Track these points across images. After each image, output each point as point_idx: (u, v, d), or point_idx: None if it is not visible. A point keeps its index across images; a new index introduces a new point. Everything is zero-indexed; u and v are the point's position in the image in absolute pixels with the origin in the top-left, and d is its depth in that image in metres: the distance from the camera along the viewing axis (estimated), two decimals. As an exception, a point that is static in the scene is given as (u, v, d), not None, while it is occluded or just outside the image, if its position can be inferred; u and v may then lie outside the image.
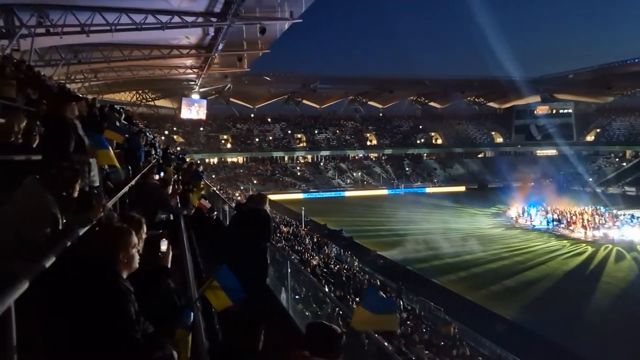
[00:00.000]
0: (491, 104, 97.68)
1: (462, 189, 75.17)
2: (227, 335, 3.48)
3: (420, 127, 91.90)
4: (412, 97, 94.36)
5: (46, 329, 2.44)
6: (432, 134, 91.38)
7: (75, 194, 3.30)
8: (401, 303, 23.07)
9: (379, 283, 26.17)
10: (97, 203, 3.36)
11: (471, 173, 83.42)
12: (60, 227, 2.99)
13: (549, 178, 72.71)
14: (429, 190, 75.47)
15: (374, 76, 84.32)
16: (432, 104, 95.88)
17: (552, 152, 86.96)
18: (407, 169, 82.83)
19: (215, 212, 12.50)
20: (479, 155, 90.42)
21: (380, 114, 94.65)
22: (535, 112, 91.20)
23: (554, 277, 28.98)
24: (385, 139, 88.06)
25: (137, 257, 2.85)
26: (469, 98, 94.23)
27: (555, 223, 44.80)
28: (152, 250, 3.81)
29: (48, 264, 2.49)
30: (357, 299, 19.29)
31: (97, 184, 6.21)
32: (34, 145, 5.29)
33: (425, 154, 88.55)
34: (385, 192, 74.08)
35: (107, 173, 8.49)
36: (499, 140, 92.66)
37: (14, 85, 9.42)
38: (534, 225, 45.65)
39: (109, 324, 2.54)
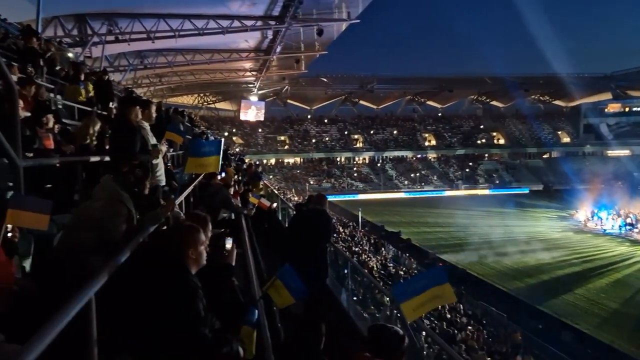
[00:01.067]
0: (557, 102, 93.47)
1: (525, 190, 72.45)
2: (290, 334, 3.50)
3: (481, 126, 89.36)
4: (472, 96, 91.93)
5: (120, 322, 2.54)
6: (494, 134, 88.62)
7: (146, 191, 3.43)
8: (461, 307, 22.48)
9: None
10: (168, 202, 3.47)
11: (535, 174, 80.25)
12: (135, 223, 3.11)
13: (621, 180, 68.72)
14: (489, 192, 73.28)
15: (432, 75, 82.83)
16: (493, 102, 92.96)
17: (624, 152, 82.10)
18: (467, 170, 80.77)
19: (275, 204, 12.69)
20: (544, 156, 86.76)
21: (439, 114, 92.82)
22: (605, 110, 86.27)
23: (628, 285, 27.23)
24: (444, 140, 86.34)
25: (204, 254, 2.92)
26: (533, 96, 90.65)
27: (628, 227, 42.18)
28: (217, 248, 3.90)
29: (123, 259, 2.59)
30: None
31: (163, 183, 6.47)
32: (107, 147, 5.58)
33: (486, 155, 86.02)
34: (444, 193, 72.60)
35: (173, 173, 8.82)
36: (566, 140, 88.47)
37: (81, 92, 9.94)
38: (604, 230, 43.25)
39: (178, 319, 2.61)
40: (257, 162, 44.81)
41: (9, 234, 2.59)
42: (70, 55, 21.38)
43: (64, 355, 1.79)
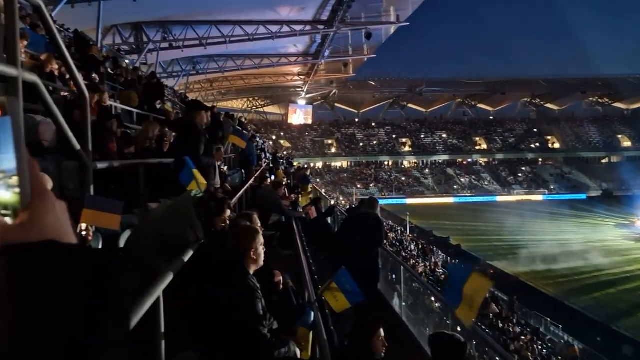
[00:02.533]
0: (617, 105, 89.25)
1: (582, 197, 69.44)
2: (347, 337, 3.51)
3: (535, 130, 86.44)
4: (525, 99, 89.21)
5: (184, 320, 2.62)
6: (548, 137, 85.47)
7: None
8: (514, 317, 21.79)
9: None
10: (226, 207, 3.56)
11: (593, 180, 76.89)
12: (198, 226, 3.20)
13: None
14: (544, 198, 70.71)
15: (483, 78, 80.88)
16: (548, 105, 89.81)
17: (691, 157, 77.53)
18: (519, 174, 78.32)
19: (333, 201, 12.70)
20: (603, 161, 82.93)
21: (491, 117, 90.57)
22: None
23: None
24: (495, 143, 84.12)
25: (263, 255, 2.97)
26: (590, 98, 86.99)
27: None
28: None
29: (186, 259, 2.67)
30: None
31: (218, 185, 6.64)
32: (165, 150, 5.77)
33: (540, 159, 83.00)
34: (495, 199, 70.55)
35: (226, 175, 9.02)
36: (627, 144, 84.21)
37: (135, 97, 10.34)
38: (667, 238, 40.99)
39: (238, 318, 2.67)
40: (305, 166, 45.10)
41: (83, 233, 2.72)
42: (126, 62, 22.37)
43: (134, 349, 1.86)
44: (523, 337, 19.28)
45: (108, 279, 0.45)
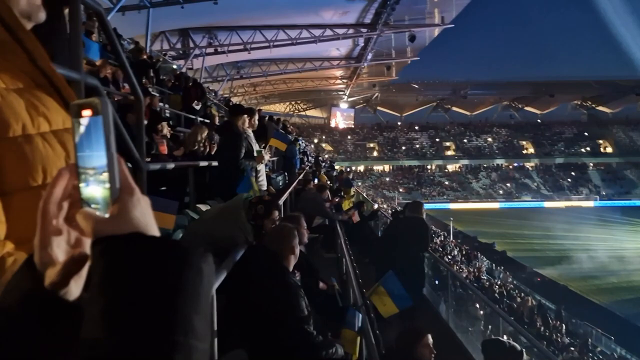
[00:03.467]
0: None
1: (636, 204, 66.31)
2: (394, 342, 3.47)
3: (586, 134, 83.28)
4: (576, 101, 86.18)
5: (233, 318, 2.66)
6: (600, 141, 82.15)
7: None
8: (563, 327, 21.02)
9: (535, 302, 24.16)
10: (273, 209, 3.60)
11: (649, 185, 73.37)
12: (248, 229, 3.26)
13: None
14: (594, 204, 67.97)
15: (531, 80, 78.74)
16: (600, 108, 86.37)
17: None
18: (569, 179, 75.63)
19: (376, 205, 12.68)
20: (659, 165, 79.07)
21: (538, 120, 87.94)
22: None
23: None
24: (543, 147, 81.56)
25: (298, 253, 3.05)
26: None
27: None
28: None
29: (237, 258, 2.72)
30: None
31: (265, 187, 6.72)
32: (212, 153, 5.91)
33: (591, 164, 79.78)
34: (543, 204, 68.37)
35: (270, 178, 9.12)
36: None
37: (179, 100, 10.60)
38: None
39: (282, 317, 2.70)
40: (348, 169, 45.08)
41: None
42: (174, 67, 22.98)
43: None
44: (572, 348, 18.60)
45: (191, 268, 0.47)
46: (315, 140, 76.95)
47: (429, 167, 79.90)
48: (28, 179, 0.83)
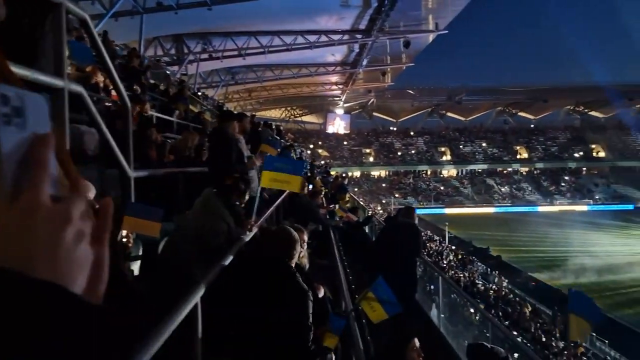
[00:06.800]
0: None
1: (630, 207, 66.75)
2: (382, 347, 3.46)
3: (579, 138, 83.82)
4: (569, 107, 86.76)
5: (223, 326, 2.63)
6: (593, 146, 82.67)
7: (244, 203, 3.58)
8: (557, 331, 21.02)
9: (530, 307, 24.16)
10: (246, 222, 3.60)
11: (642, 189, 73.88)
12: (233, 235, 3.25)
13: None
14: (588, 208, 68.32)
15: (525, 85, 79.19)
16: (592, 113, 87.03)
17: None
18: (562, 184, 75.96)
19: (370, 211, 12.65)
20: (652, 170, 79.61)
21: (532, 125, 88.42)
22: None
23: None
24: (537, 152, 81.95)
25: (296, 259, 3.05)
26: (638, 106, 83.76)
27: None
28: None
29: (224, 266, 2.69)
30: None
31: (258, 194, 6.69)
32: (204, 159, 5.89)
33: (584, 168, 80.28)
34: (537, 209, 68.67)
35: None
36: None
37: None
38: None
39: (288, 324, 2.66)
40: (343, 175, 45.06)
41: (124, 239, 2.79)
42: (167, 72, 22.94)
43: (172, 356, 1.88)
44: (566, 352, 18.57)
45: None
46: (311, 146, 76.96)
47: (424, 172, 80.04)
48: None
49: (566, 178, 77.34)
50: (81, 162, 3.69)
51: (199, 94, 24.79)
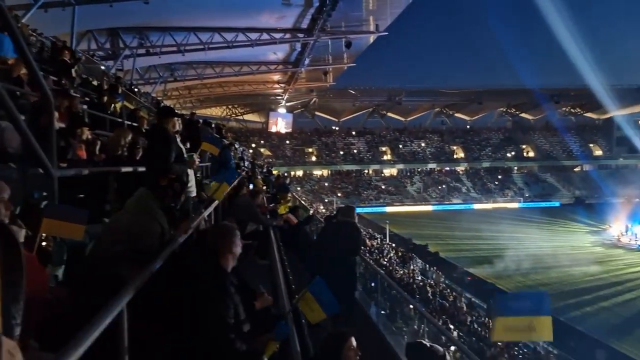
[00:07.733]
0: (589, 115, 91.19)
1: (556, 204, 70.84)
2: (319, 348, 3.43)
3: (511, 139, 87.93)
4: (501, 109, 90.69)
5: (153, 330, 2.53)
6: (523, 146, 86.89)
7: (179, 204, 3.46)
8: (491, 322, 21.90)
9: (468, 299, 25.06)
10: (182, 225, 3.50)
11: (567, 188, 78.48)
12: (166, 237, 3.13)
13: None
14: (519, 205, 71.85)
15: (461, 87, 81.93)
16: (523, 115, 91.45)
17: (660, 165, 79.60)
18: (496, 183, 79.45)
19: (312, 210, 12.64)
20: (576, 169, 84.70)
21: (468, 126, 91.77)
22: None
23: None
24: (472, 152, 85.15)
25: (238, 253, 2.97)
26: (564, 108, 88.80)
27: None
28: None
29: (154, 269, 2.59)
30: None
31: (194, 194, 6.52)
32: (137, 158, 5.65)
33: (515, 168, 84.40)
34: (472, 206, 71.41)
35: (202, 184, 8.88)
36: (598, 153, 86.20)
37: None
38: (639, 245, 41.86)
39: (204, 317, 2.61)
40: (285, 174, 44.96)
41: (44, 243, 2.62)
42: (102, 68, 22.02)
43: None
44: (500, 344, 19.38)
45: None
46: (253, 145, 76.28)
47: (366, 171, 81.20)
48: None
49: (499, 177, 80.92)
50: (2, 161, 3.44)
51: (135, 90, 23.95)
